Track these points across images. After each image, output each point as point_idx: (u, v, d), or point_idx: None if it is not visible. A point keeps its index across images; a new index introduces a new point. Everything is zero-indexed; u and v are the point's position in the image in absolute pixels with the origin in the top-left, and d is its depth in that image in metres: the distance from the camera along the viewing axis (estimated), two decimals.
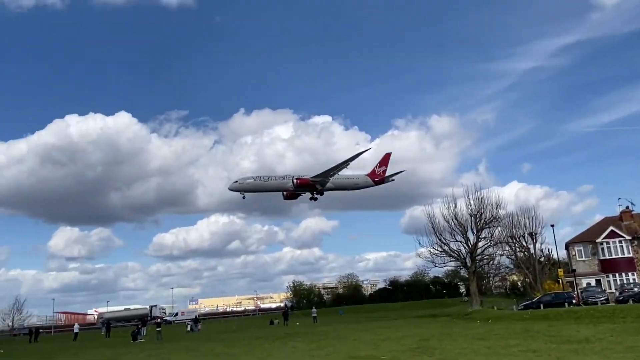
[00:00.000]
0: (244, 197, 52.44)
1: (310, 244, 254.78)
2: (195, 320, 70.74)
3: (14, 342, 67.99)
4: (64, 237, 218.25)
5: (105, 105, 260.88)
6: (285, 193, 56.83)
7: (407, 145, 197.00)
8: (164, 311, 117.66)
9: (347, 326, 43.32)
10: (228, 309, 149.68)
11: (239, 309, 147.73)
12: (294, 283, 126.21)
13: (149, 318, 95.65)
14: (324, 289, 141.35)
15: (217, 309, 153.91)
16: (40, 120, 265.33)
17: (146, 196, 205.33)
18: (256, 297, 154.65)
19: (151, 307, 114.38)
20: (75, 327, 69.11)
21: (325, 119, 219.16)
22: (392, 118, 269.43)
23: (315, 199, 57.22)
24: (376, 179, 58.56)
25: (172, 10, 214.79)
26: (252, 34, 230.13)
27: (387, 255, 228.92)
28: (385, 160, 59.57)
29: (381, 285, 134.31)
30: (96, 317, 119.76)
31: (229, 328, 61.66)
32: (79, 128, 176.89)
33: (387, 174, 59.06)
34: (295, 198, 58.31)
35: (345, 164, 53.55)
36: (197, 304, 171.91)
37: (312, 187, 55.63)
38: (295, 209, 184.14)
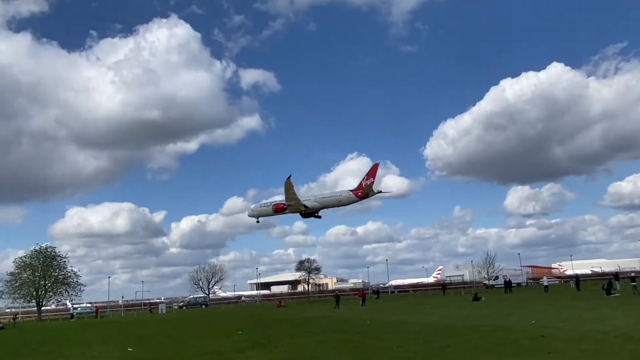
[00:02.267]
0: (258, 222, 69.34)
1: None
2: None
3: (491, 291, 76.11)
4: (517, 195, 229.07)
5: (536, 61, 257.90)
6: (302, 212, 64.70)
7: None
8: None
9: None
10: None
11: None
12: None
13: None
14: None
15: None
16: (479, 92, 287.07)
17: (592, 145, 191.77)
18: None
19: None
20: (544, 279, 71.34)
21: None
22: None
23: (319, 217, 66.84)
24: (359, 194, 60.41)
25: None
26: None
27: None
28: (373, 171, 60.41)
29: None
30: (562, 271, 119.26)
31: None
32: (514, 90, 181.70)
33: (374, 185, 59.74)
34: (310, 217, 66.07)
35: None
36: None
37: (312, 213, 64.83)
38: None
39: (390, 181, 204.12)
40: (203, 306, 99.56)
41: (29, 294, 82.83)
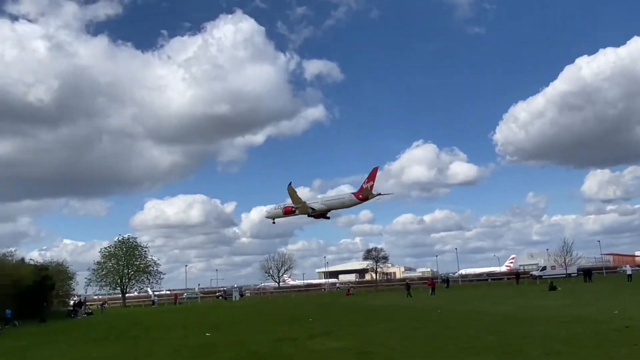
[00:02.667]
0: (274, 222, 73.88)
1: None
2: None
3: (569, 281, 72.64)
4: (595, 180, 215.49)
5: (614, 36, 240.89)
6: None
7: None
8: None
9: None
10: None
11: None
12: None
13: None
14: None
15: None
16: (552, 72, 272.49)
17: None
18: None
19: None
20: (626, 268, 67.20)
21: None
22: None
23: (328, 218, 70.07)
24: (360, 197, 62.24)
25: None
26: None
27: None
28: (373, 175, 61.70)
29: None
30: None
31: None
32: (591, 68, 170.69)
33: (373, 188, 61.51)
34: (320, 217, 69.22)
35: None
36: None
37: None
38: None
39: (458, 168, 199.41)
40: (240, 296, 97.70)
41: (114, 281, 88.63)
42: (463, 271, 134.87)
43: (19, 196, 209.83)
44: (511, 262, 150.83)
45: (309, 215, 67.66)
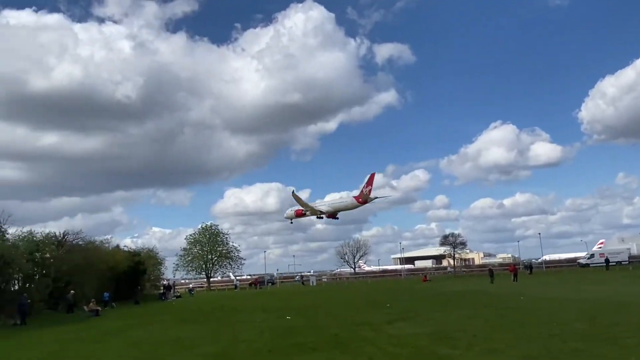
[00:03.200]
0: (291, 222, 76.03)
1: None
2: None
3: None
4: None
5: None
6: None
7: None
8: None
9: None
10: None
11: None
12: None
13: None
14: None
15: None
16: None
17: None
18: None
19: None
20: None
21: None
22: None
23: (337, 218, 73.25)
24: (360, 200, 67.15)
25: None
26: None
27: None
28: (370, 180, 66.42)
29: None
30: None
31: None
32: None
33: (371, 193, 65.81)
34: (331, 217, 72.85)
35: None
36: None
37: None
38: None
39: (540, 149, 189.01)
40: (270, 285, 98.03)
41: (199, 266, 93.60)
42: (547, 257, 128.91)
43: (112, 188, 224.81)
44: (600, 247, 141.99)
45: (317, 217, 73.67)
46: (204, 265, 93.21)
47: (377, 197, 69.78)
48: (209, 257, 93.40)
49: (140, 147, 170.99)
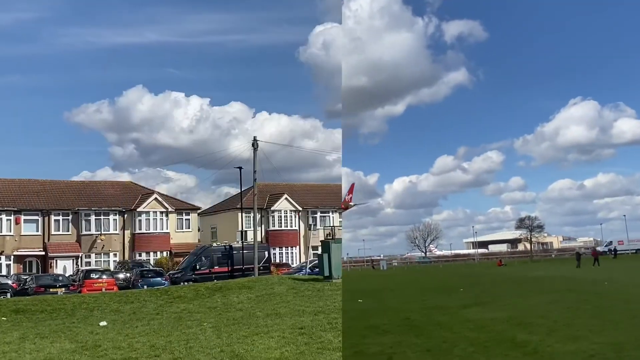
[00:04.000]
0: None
1: None
2: None
3: None
4: None
5: None
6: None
7: None
8: None
9: None
10: None
11: None
12: None
13: None
14: None
15: None
16: None
17: None
18: None
19: None
20: None
21: None
22: None
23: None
24: (342, 207, 68.25)
25: None
26: None
27: None
28: (351, 189, 66.84)
29: None
30: None
31: None
32: None
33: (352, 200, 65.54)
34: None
35: None
36: None
37: None
38: None
39: (624, 125, 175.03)
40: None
41: None
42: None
43: None
44: None
45: None
46: None
47: (356, 204, 72.56)
48: None
49: None
